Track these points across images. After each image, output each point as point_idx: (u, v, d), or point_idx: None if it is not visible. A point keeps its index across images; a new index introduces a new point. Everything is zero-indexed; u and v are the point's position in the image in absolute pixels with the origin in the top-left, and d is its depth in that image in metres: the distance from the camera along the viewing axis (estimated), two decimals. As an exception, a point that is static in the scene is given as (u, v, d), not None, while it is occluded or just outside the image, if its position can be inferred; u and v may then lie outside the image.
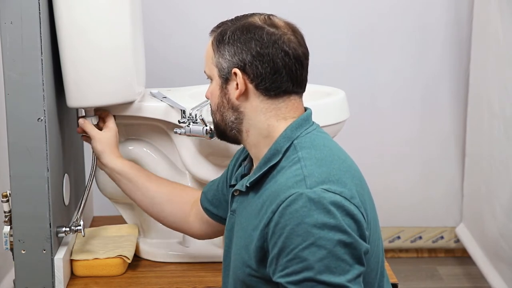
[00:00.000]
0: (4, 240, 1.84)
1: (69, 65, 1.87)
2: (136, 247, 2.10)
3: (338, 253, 1.31)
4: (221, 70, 1.48)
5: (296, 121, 1.47)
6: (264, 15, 1.51)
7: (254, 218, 1.42)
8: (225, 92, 1.49)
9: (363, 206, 1.38)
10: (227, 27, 1.49)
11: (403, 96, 3.09)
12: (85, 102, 1.92)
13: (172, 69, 2.76)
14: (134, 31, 1.96)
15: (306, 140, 1.44)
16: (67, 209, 2.03)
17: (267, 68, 1.44)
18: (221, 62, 1.48)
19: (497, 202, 2.64)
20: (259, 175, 1.45)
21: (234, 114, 1.49)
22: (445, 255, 3.21)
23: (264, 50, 1.44)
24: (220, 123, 1.53)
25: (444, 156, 3.15)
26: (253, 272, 1.42)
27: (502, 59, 2.62)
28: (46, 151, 1.79)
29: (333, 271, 1.30)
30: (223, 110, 1.50)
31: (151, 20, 2.71)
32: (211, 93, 1.53)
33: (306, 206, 1.32)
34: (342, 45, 3.03)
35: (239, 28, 1.47)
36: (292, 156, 1.41)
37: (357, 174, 1.43)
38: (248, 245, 1.42)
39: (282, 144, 1.44)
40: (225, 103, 1.49)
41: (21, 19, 1.73)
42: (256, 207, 1.42)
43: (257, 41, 1.44)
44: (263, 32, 1.45)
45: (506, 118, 2.56)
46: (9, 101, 1.77)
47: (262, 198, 1.42)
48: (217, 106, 1.52)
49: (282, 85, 1.46)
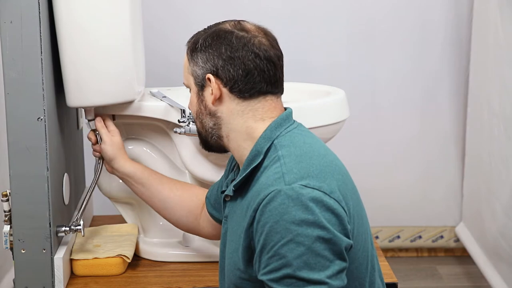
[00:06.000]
0: (4, 239, 1.84)
1: (69, 64, 1.86)
2: (136, 247, 2.10)
3: (317, 249, 1.31)
4: (196, 78, 1.52)
5: (275, 121, 1.48)
6: (234, 21, 1.53)
7: (241, 221, 1.44)
8: (202, 99, 1.52)
9: (345, 200, 1.38)
10: (200, 35, 1.53)
11: (403, 95, 3.09)
12: (85, 101, 1.92)
13: (172, 69, 2.76)
14: (134, 30, 1.96)
15: (286, 138, 1.45)
16: (67, 208, 2.03)
17: (239, 70, 1.47)
18: (196, 70, 1.51)
19: (497, 202, 2.64)
20: (243, 178, 1.47)
21: (212, 120, 1.52)
22: (445, 254, 3.21)
23: (234, 53, 1.47)
24: (201, 131, 1.57)
25: (444, 155, 3.15)
26: (242, 275, 1.43)
27: (502, 59, 2.61)
28: (46, 150, 1.79)
29: (312, 267, 1.31)
30: (202, 117, 1.54)
31: (151, 19, 2.71)
32: (190, 102, 1.57)
33: (284, 203, 1.33)
34: (342, 45, 3.03)
35: (210, 35, 1.50)
36: (273, 155, 1.43)
37: (339, 169, 1.43)
38: (238, 247, 1.44)
39: (263, 145, 1.46)
40: (203, 110, 1.53)
41: (21, 18, 1.73)
42: (243, 210, 1.44)
43: (227, 46, 1.47)
44: (232, 36, 1.48)
45: (506, 117, 2.56)
46: (9, 101, 1.77)
47: (247, 200, 1.44)
48: (196, 114, 1.55)
49: (256, 85, 1.48)
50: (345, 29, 3.01)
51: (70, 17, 1.83)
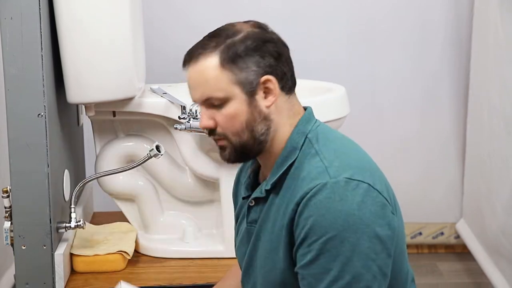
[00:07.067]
0: (4, 235, 1.84)
1: (69, 60, 1.87)
2: (136, 243, 2.10)
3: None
4: (247, 84, 1.38)
5: (304, 116, 1.44)
6: (240, 23, 1.43)
7: (281, 219, 1.39)
8: (255, 105, 1.38)
9: (386, 190, 1.37)
10: (229, 44, 1.38)
11: (403, 95, 3.08)
12: (85, 97, 1.92)
13: (173, 65, 2.75)
14: (134, 27, 1.97)
15: (318, 133, 1.42)
16: (67, 204, 2.03)
17: (286, 66, 1.41)
18: (247, 77, 1.37)
19: (497, 199, 2.64)
20: (280, 175, 1.41)
21: (266, 125, 1.40)
22: (445, 251, 3.21)
23: (279, 50, 1.40)
24: (247, 142, 1.40)
25: (444, 153, 3.15)
26: (287, 272, 1.39)
27: (502, 57, 2.61)
28: (46, 146, 1.79)
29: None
30: (253, 125, 1.39)
31: (151, 16, 2.71)
32: (235, 114, 1.39)
33: (330, 197, 1.31)
34: (342, 42, 3.03)
35: (246, 39, 1.39)
36: (308, 150, 1.39)
37: (372, 162, 1.43)
38: (278, 246, 1.40)
39: (298, 140, 1.41)
40: (256, 117, 1.39)
41: (21, 15, 1.73)
42: (281, 208, 1.40)
43: (271, 44, 1.40)
44: (268, 35, 1.41)
45: (506, 115, 2.56)
46: (9, 97, 1.77)
47: (285, 196, 1.39)
48: (246, 124, 1.39)
49: (294, 80, 1.44)
50: (346, 26, 3.01)
51: (71, 13, 1.83)
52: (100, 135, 2.14)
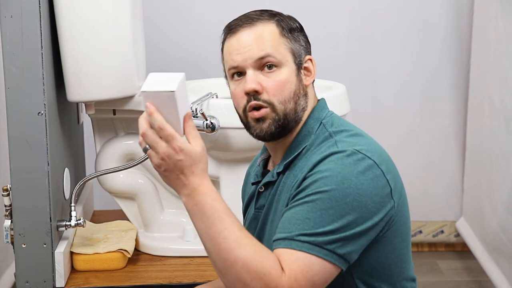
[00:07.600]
0: (4, 234, 1.84)
1: (70, 59, 1.86)
2: (137, 241, 2.10)
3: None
4: (297, 56, 1.44)
5: (320, 103, 1.48)
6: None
7: (288, 193, 1.41)
8: (301, 78, 1.44)
9: (391, 174, 1.38)
10: (281, 18, 1.48)
11: (403, 90, 3.08)
12: (85, 96, 1.92)
13: (173, 63, 2.75)
14: (134, 25, 1.96)
15: (333, 120, 1.45)
16: (68, 203, 2.03)
17: (310, 52, 1.49)
18: (298, 49, 1.45)
19: (498, 196, 2.63)
20: (293, 156, 1.43)
21: (305, 101, 1.45)
22: (445, 249, 3.21)
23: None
24: (289, 113, 1.42)
25: (444, 150, 3.14)
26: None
27: (503, 53, 2.61)
28: (47, 145, 1.79)
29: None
30: (298, 96, 1.43)
31: (151, 14, 2.71)
32: (286, 80, 1.42)
33: (334, 161, 1.33)
34: (342, 39, 3.03)
35: (291, 18, 1.49)
36: (323, 134, 1.42)
37: (385, 152, 1.44)
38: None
39: (313, 125, 1.44)
40: (301, 90, 1.43)
41: (21, 13, 1.73)
42: (290, 183, 1.41)
43: (303, 30, 1.49)
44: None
45: (507, 112, 2.56)
46: (9, 95, 1.77)
47: (294, 173, 1.41)
48: (294, 93, 1.42)
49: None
50: (346, 24, 3.01)
51: (71, 11, 1.83)
52: (100, 134, 2.14)
